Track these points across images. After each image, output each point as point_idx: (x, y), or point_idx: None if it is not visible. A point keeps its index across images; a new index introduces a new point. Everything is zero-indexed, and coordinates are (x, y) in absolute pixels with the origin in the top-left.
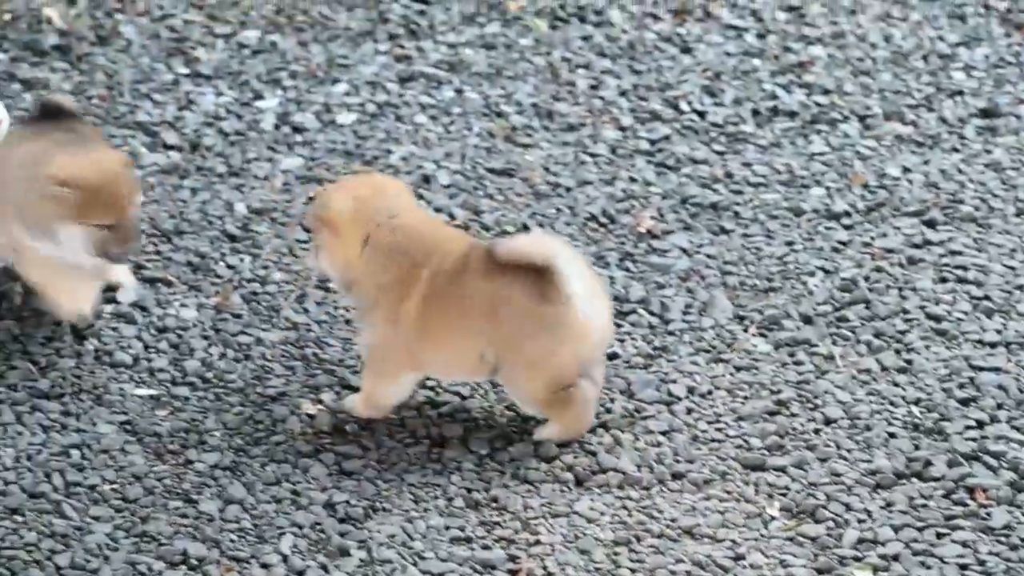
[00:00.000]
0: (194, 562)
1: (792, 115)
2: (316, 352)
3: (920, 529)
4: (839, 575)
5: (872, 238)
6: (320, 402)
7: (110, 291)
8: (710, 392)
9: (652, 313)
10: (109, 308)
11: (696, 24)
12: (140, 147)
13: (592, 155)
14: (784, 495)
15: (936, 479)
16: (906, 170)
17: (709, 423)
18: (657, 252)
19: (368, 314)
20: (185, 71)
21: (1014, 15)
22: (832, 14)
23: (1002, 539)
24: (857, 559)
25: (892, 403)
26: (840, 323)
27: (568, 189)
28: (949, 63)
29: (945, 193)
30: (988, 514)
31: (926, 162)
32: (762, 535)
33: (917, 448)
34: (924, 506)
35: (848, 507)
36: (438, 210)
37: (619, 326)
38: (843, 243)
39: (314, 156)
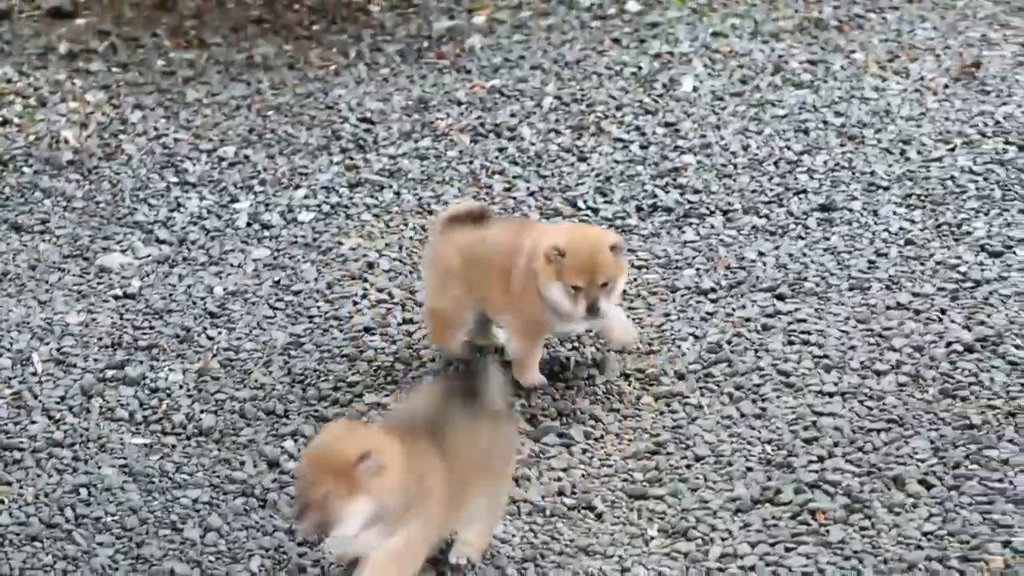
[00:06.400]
0: None
1: (668, 210)
2: (280, 407)
3: (772, 545)
4: None
5: (733, 309)
6: (282, 448)
7: (115, 366)
8: (602, 436)
9: (554, 370)
10: (111, 373)
11: (591, 138)
12: (138, 242)
13: None
14: (662, 519)
15: (785, 504)
16: (761, 254)
17: (601, 461)
18: None
19: None
20: (175, 180)
21: (847, 129)
22: (701, 129)
23: (838, 551)
24: (721, 570)
25: (749, 443)
26: (707, 378)
27: None
28: (795, 167)
29: (792, 272)
30: (827, 531)
31: (777, 248)
32: (644, 551)
33: (769, 479)
34: (775, 526)
35: (713, 528)
36: (380, 290)
37: None
38: (710, 314)
39: (279, 248)
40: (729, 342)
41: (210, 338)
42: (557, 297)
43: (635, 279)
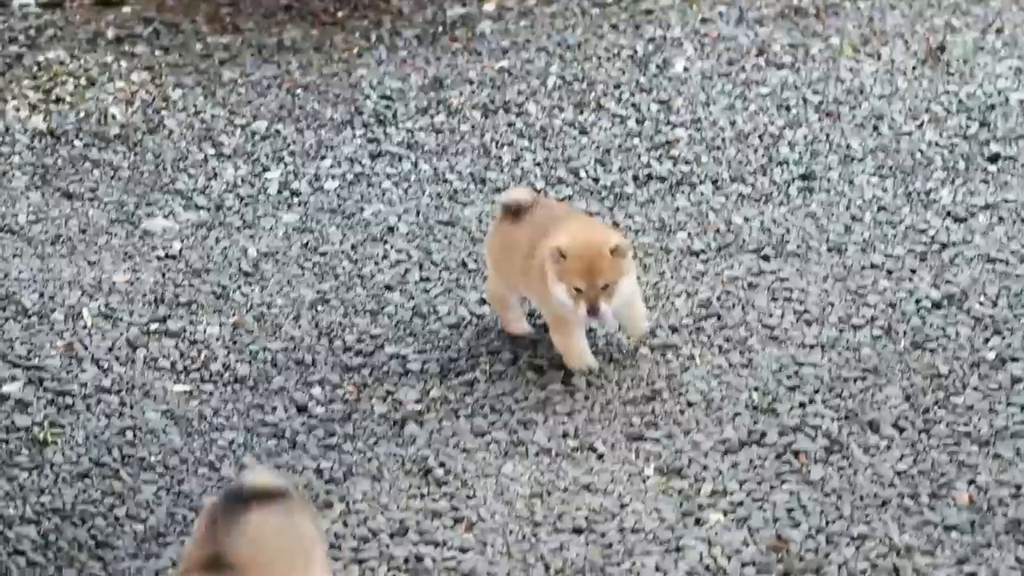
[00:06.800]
0: None
1: (662, 180)
2: (309, 357)
3: (758, 483)
4: (698, 517)
5: (722, 269)
6: (311, 395)
7: (158, 320)
8: (602, 384)
9: None
10: (154, 326)
11: (591, 113)
12: (178, 207)
13: None
14: (658, 459)
15: (770, 445)
16: (747, 219)
17: (601, 406)
18: None
19: None
20: (212, 151)
21: (825, 106)
22: (691, 106)
23: (818, 489)
24: (711, 505)
25: (737, 390)
26: (699, 332)
27: None
28: (778, 141)
29: (775, 235)
30: (808, 471)
31: (761, 213)
32: (641, 489)
33: (756, 423)
34: (761, 466)
35: (705, 467)
36: (399, 251)
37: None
38: (701, 273)
39: (307, 213)
40: (718, 299)
41: (244, 295)
42: (561, 297)
43: (632, 242)
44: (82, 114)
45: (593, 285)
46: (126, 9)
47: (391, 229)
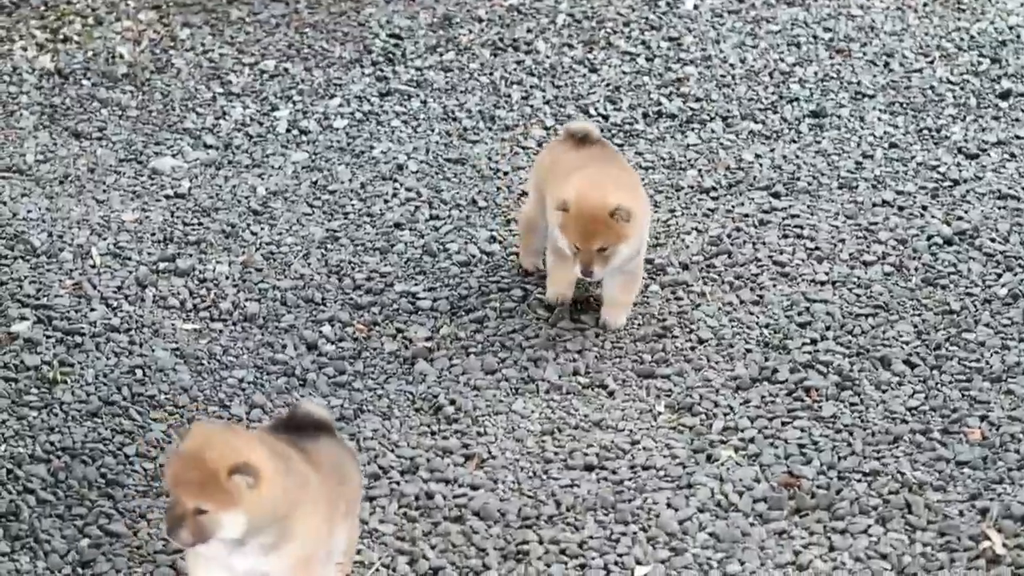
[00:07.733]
0: None
1: (672, 117)
2: (318, 295)
3: (770, 419)
4: (709, 454)
5: (733, 206)
6: (320, 332)
7: (167, 259)
8: None
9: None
10: (163, 265)
11: (601, 51)
12: (187, 147)
13: (523, 148)
14: (669, 396)
15: (781, 382)
16: (757, 156)
17: (612, 344)
18: None
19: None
20: (220, 91)
21: (835, 43)
22: (701, 43)
23: (830, 425)
24: (723, 442)
25: (748, 327)
26: (709, 269)
27: (505, 173)
28: (788, 78)
29: (786, 172)
30: (820, 407)
31: (772, 150)
32: (652, 425)
33: (767, 360)
34: (772, 402)
35: (716, 404)
36: (408, 190)
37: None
38: (711, 210)
39: (316, 152)
40: (729, 236)
41: (253, 233)
42: (563, 245)
43: (643, 179)
44: (90, 53)
45: (588, 247)
46: None
47: (400, 167)
